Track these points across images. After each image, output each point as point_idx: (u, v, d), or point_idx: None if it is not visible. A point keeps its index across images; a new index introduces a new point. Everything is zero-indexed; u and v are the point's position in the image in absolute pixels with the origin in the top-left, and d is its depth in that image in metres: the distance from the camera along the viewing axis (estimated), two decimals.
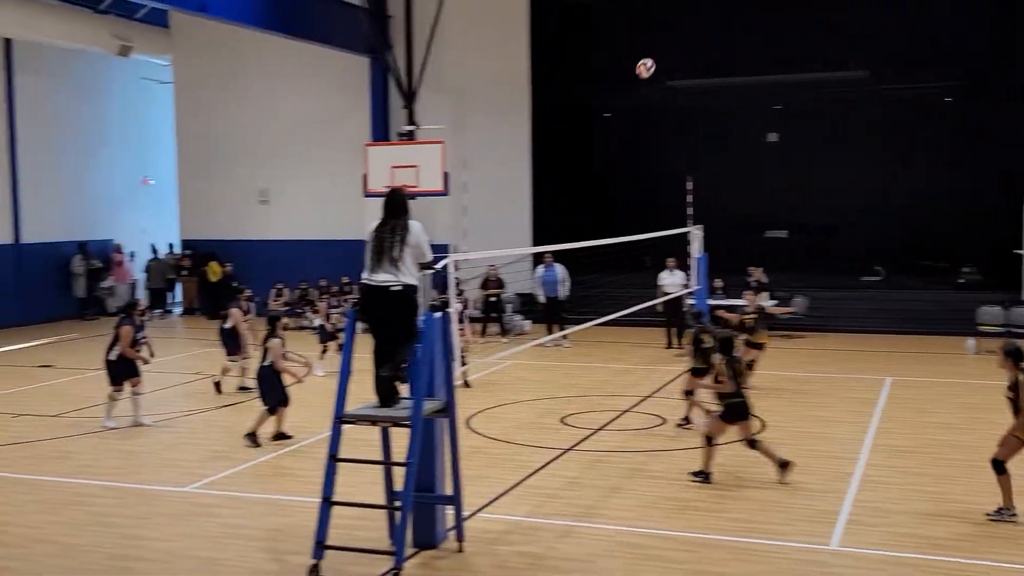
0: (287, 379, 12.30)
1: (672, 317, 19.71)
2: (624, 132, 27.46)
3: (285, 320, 14.64)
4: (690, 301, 19.09)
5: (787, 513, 9.26)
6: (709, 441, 10.26)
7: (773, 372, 16.99)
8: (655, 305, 19.18)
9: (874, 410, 13.74)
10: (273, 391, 12.21)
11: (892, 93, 25.04)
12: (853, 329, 21.05)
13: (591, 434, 12.56)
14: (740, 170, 26.54)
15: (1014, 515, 8.89)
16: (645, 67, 16.40)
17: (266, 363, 12.23)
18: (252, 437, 12.00)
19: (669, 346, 19.68)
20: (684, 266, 20.06)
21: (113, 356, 13.05)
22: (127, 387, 13.17)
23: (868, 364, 17.42)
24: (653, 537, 8.67)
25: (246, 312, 16.02)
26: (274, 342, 12.21)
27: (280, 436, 12.19)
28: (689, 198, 20.25)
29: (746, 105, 26.62)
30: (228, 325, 15.39)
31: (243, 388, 15.23)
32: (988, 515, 8.97)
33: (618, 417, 13.58)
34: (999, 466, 8.93)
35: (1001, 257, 21.87)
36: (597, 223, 24.55)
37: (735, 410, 10.21)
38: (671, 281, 19.84)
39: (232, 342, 15.33)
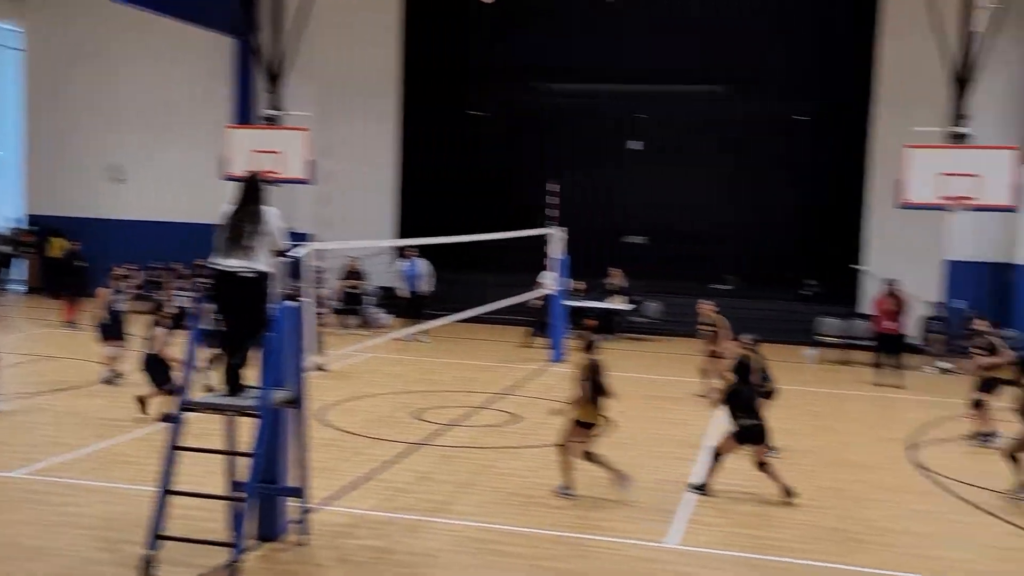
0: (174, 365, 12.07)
1: (544, 316, 19.83)
2: (493, 132, 27.59)
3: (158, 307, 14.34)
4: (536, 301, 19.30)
5: (629, 511, 9.50)
6: (717, 456, 10.21)
7: (625, 374, 17.39)
8: (529, 302, 19.30)
9: (716, 412, 14.20)
10: (154, 374, 12.16)
11: (748, 109, 25.97)
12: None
13: (444, 429, 12.59)
14: (603, 176, 27.02)
15: None
16: None
17: (152, 351, 12.21)
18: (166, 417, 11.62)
19: (531, 343, 19.84)
20: (541, 267, 20.28)
21: None
22: None
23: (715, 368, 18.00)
24: (498, 532, 8.76)
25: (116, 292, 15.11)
26: (159, 331, 12.16)
27: (166, 418, 11.84)
28: (553, 200, 20.53)
29: (612, 112, 27.14)
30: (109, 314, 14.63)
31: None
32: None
33: (473, 413, 13.66)
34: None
35: (840, 272, 22.98)
36: (463, 220, 24.57)
37: (751, 433, 10.07)
38: (552, 282, 19.91)
39: (112, 327, 14.54)
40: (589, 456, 9.98)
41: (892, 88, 21.25)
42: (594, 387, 9.93)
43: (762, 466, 10.04)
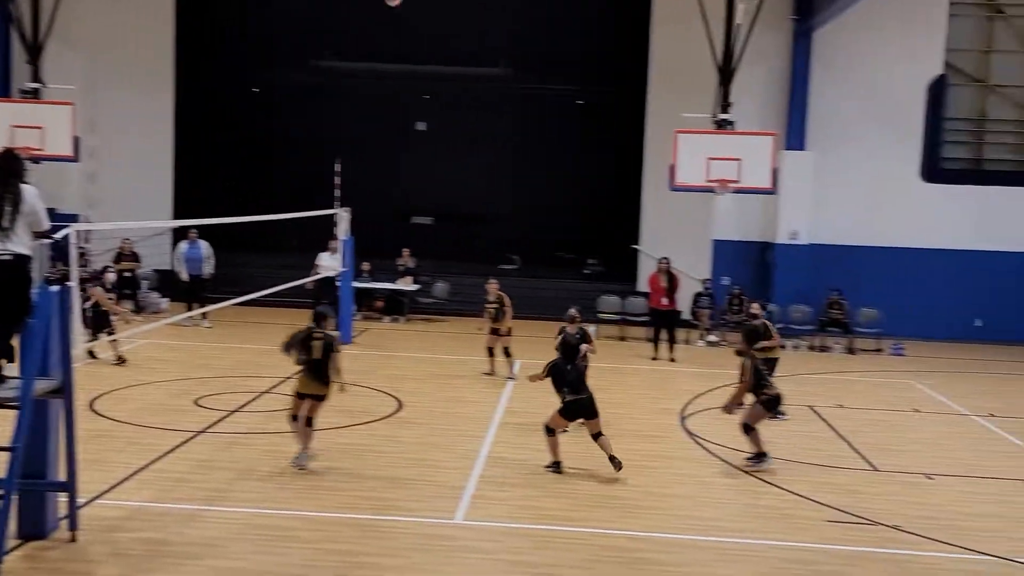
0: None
1: (324, 299, 19.60)
2: (276, 108, 26.91)
3: None
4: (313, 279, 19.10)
5: (416, 490, 9.57)
6: (550, 432, 10.39)
7: (414, 355, 17.48)
8: (306, 284, 19.00)
9: (504, 390, 14.53)
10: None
11: (531, 92, 26.56)
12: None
13: (226, 416, 12.24)
14: (390, 156, 26.95)
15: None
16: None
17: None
18: None
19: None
20: (327, 248, 20.05)
21: None
22: None
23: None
24: (284, 518, 8.62)
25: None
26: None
27: None
28: (337, 180, 20.26)
29: (398, 92, 27.05)
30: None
31: None
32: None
33: (256, 399, 13.34)
34: None
35: (620, 251, 23.94)
36: (246, 200, 23.87)
37: (577, 407, 10.35)
38: (329, 263, 19.71)
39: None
40: (309, 423, 10.10)
41: (665, 75, 22.24)
42: (306, 359, 10.08)
43: (597, 437, 10.37)
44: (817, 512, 9.43)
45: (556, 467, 10.34)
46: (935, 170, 21.71)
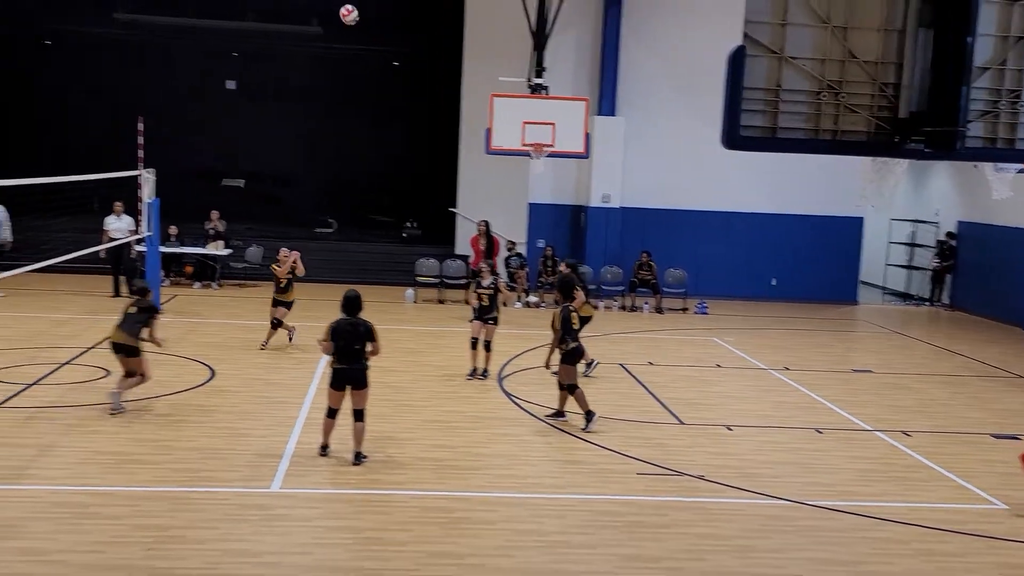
0: None
1: (117, 264, 18.83)
2: (71, 63, 25.35)
3: None
4: (139, 248, 18.31)
5: (229, 460, 9.36)
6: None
7: (226, 321, 16.99)
8: (99, 252, 18.12)
9: (321, 357, 14.32)
10: None
11: (346, 53, 26.08)
12: (307, 280, 21.68)
13: (23, 389, 11.56)
14: (197, 115, 25.94)
15: None
16: (348, 13, 14.49)
17: None
18: None
19: (116, 295, 18.72)
20: (133, 211, 19.15)
21: None
22: None
23: (316, 313, 18.10)
24: (90, 494, 8.26)
25: None
26: None
27: None
28: (140, 139, 19.31)
29: (205, 49, 26.00)
30: None
31: None
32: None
33: (56, 370, 12.65)
34: None
35: (439, 214, 23.98)
36: (38, 159, 22.46)
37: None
38: (117, 226, 18.90)
39: None
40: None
41: (480, 39, 22.30)
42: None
43: (358, 413, 9.47)
44: (628, 465, 9.83)
45: (324, 451, 9.62)
46: (735, 137, 22.70)
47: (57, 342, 14.47)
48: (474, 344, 13.41)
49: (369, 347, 9.47)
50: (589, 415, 11.07)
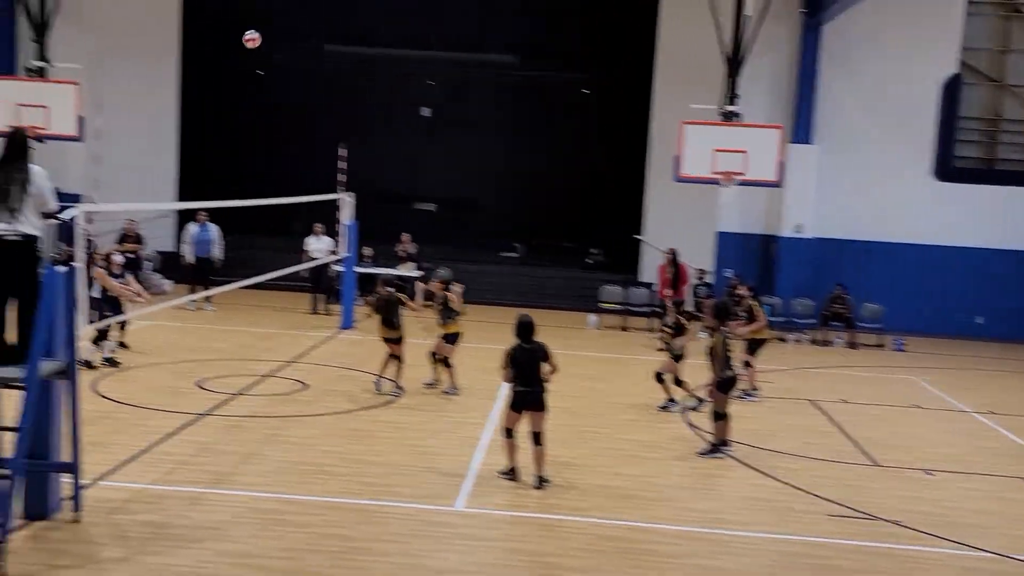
0: None
1: (317, 283, 19.74)
2: (281, 92, 26.87)
3: None
4: (336, 268, 19.14)
5: (416, 477, 9.59)
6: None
7: (416, 341, 17.49)
8: (300, 270, 19.07)
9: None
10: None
11: (537, 80, 26.49)
12: (491, 301, 22.12)
13: (229, 399, 12.26)
14: (393, 141, 26.93)
15: None
16: (251, 40, 15.52)
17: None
18: None
19: (314, 311, 19.63)
20: (332, 232, 20.06)
21: None
22: None
23: (503, 335, 18.36)
24: (284, 502, 8.64)
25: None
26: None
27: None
28: (342, 165, 20.24)
29: (401, 77, 27.01)
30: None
31: None
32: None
33: (258, 382, 13.36)
34: None
35: (623, 241, 23.94)
36: (250, 182, 23.89)
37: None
38: (317, 247, 19.83)
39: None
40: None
41: (671, 65, 22.21)
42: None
43: (536, 436, 9.51)
44: (818, 505, 9.46)
45: (511, 474, 9.60)
46: (948, 169, 21.64)
47: (260, 355, 15.29)
48: (658, 378, 13.17)
49: (547, 367, 9.53)
50: (720, 445, 10.80)
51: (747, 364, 13.82)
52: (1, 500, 7.00)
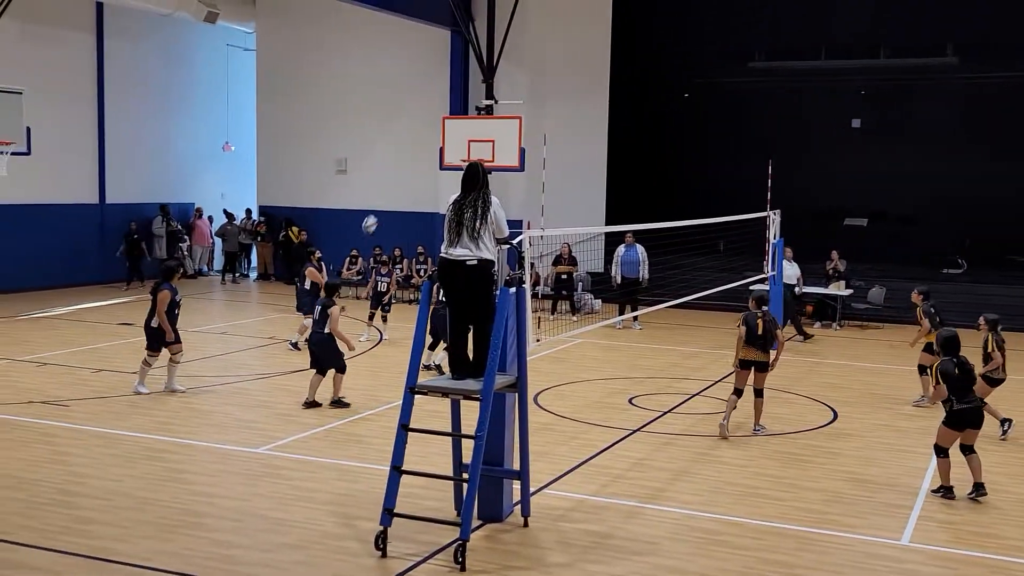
0: (342, 347, 12.45)
1: (786, 308, 19.24)
2: (704, 113, 27.09)
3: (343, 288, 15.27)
4: (761, 287, 18.79)
5: (855, 506, 9.12)
6: (938, 452, 9.40)
7: (846, 363, 16.72)
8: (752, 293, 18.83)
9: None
10: (330, 357, 12.42)
11: (979, 81, 24.30)
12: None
13: (659, 416, 12.51)
14: (821, 155, 26.03)
15: None
16: (370, 224, 15.98)
17: (324, 330, 12.38)
18: (337, 402, 12.35)
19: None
20: (759, 252, 19.72)
21: (154, 323, 12.78)
22: (166, 353, 12.94)
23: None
24: (719, 522, 8.61)
25: (320, 271, 16.27)
26: (334, 309, 12.40)
27: (337, 403, 12.39)
28: (769, 182, 19.93)
29: (829, 89, 26.07)
30: (307, 285, 15.68)
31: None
32: None
33: (686, 401, 13.50)
34: None
35: None
36: (672, 204, 24.29)
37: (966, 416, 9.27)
38: (791, 272, 19.37)
39: (311, 302, 15.36)
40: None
41: None
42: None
43: (967, 450, 9.35)
44: None
45: (948, 492, 9.37)
46: None
47: (688, 374, 15.44)
48: None
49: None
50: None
51: None
52: (464, 502, 7.68)
